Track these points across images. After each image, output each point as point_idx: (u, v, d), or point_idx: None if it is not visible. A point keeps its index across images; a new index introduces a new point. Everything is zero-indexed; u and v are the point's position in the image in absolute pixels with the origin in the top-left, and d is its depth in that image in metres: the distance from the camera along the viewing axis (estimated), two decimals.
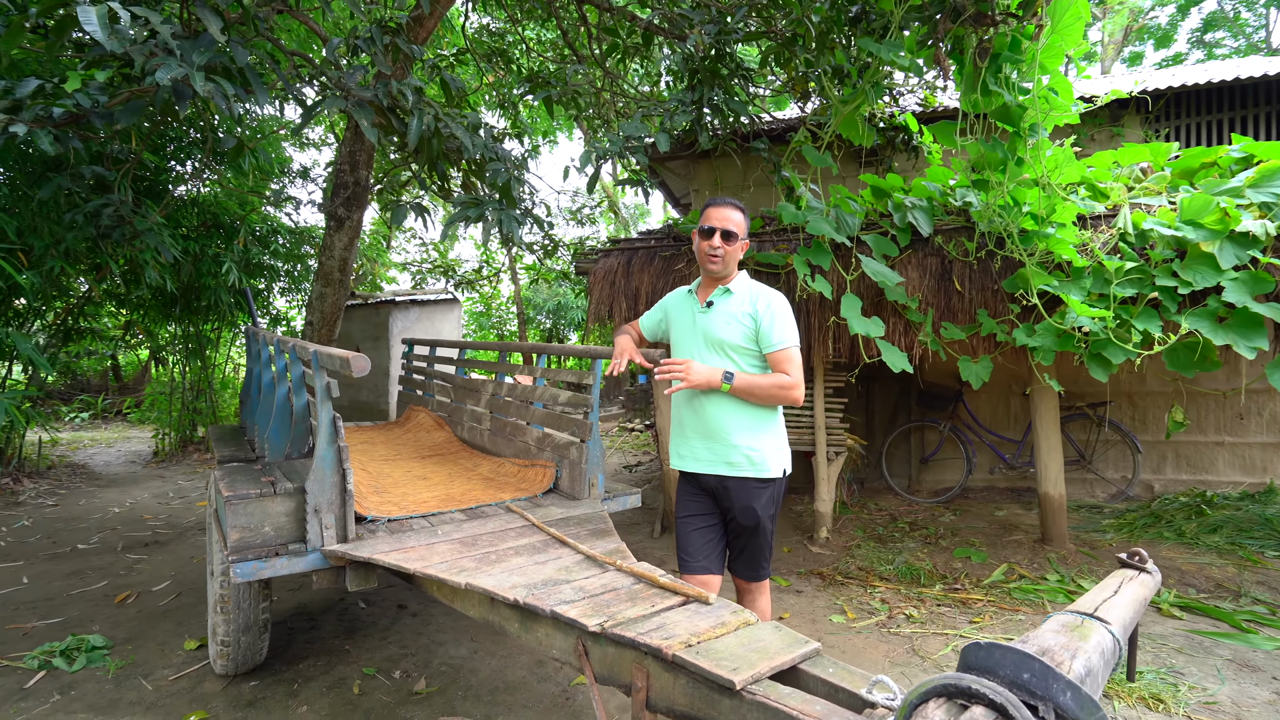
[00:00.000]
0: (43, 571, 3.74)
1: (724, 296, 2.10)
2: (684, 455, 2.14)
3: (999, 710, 0.85)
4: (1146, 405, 5.12)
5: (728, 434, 2.02)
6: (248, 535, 1.99)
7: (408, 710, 2.30)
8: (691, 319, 2.13)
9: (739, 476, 2.03)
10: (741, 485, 2.04)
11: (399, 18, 2.99)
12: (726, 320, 2.06)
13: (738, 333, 2.04)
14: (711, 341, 2.06)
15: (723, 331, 2.05)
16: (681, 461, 2.15)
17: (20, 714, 2.27)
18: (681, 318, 2.18)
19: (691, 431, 2.10)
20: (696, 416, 2.08)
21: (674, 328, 2.21)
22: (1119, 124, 5.29)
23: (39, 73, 3.27)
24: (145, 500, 5.55)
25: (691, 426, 2.10)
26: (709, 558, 2.10)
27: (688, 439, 2.11)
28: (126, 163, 3.62)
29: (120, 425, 10.27)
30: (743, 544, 2.12)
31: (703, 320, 2.10)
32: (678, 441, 2.16)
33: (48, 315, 6.30)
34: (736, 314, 2.06)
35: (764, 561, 2.14)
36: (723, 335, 2.05)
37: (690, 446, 2.11)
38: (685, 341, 2.14)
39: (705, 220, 2.09)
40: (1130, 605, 1.34)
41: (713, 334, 2.06)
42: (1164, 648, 2.81)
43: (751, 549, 2.11)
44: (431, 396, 4.37)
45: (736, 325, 2.04)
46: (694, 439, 2.09)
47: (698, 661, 1.24)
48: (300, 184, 8.58)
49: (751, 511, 2.04)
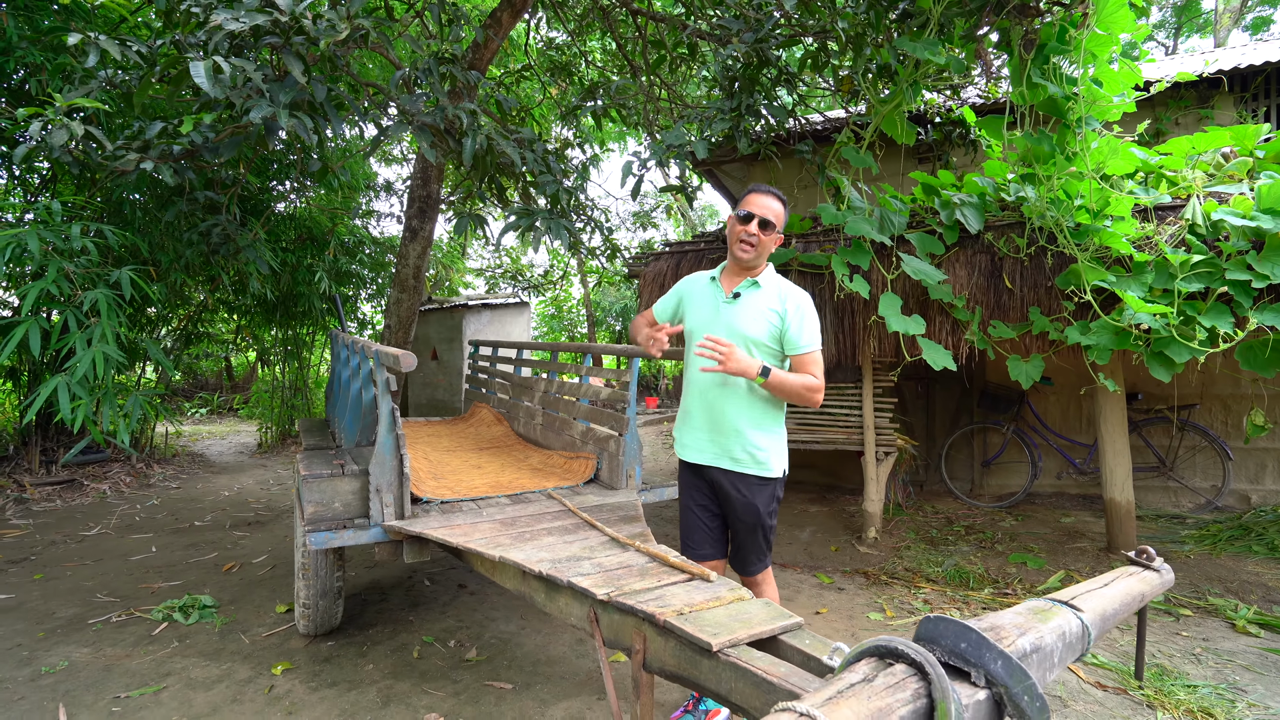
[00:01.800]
0: (167, 543, 4.33)
1: (751, 289, 2.02)
2: (687, 445, 2.13)
3: (917, 667, 0.94)
4: (1242, 409, 4.72)
5: (737, 430, 2.01)
6: (321, 510, 2.30)
7: (458, 674, 2.56)
8: (714, 308, 2.06)
9: (742, 473, 2.03)
10: (744, 482, 2.03)
11: (455, 49, 3.28)
12: (753, 315, 1.99)
13: (763, 329, 1.98)
14: (734, 334, 1.99)
15: (748, 326, 1.98)
16: (685, 451, 2.14)
17: (148, 655, 2.70)
18: (702, 305, 2.10)
19: (700, 422, 2.08)
20: (708, 409, 2.05)
21: (692, 314, 2.13)
22: (1209, 105, 4.90)
23: (162, 115, 3.81)
24: (250, 486, 6.23)
25: (700, 418, 2.08)
26: (713, 544, 2.14)
27: (694, 429, 2.10)
28: (232, 186, 4.14)
29: (232, 420, 11.44)
30: (740, 539, 2.11)
31: (727, 311, 2.02)
32: (683, 430, 2.15)
33: (172, 322, 7.17)
34: (764, 309, 1.99)
35: (763, 555, 2.13)
36: (748, 330, 1.98)
37: (695, 437, 2.10)
38: (704, 330, 2.05)
39: (744, 205, 2.00)
40: (1118, 598, 1.36)
41: (737, 327, 1.99)
42: (1230, 664, 2.65)
43: (749, 544, 2.10)
44: (494, 394, 4.69)
45: (763, 321, 1.98)
46: (700, 431, 2.08)
47: (684, 627, 1.38)
48: (384, 197, 9.27)
49: (752, 508, 2.03)
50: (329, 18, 2.60)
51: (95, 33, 2.62)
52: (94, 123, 3.60)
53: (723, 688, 1.27)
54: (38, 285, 2.65)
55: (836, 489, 5.62)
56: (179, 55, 2.61)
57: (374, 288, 8.83)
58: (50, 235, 2.78)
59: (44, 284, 2.64)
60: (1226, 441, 4.58)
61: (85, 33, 2.63)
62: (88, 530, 4.57)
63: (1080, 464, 4.89)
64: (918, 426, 5.56)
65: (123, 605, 3.22)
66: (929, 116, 4.79)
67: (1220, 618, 3.08)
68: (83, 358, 2.52)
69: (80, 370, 2.50)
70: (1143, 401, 4.74)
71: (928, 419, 5.61)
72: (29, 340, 2.74)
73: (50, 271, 2.66)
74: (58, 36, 3.63)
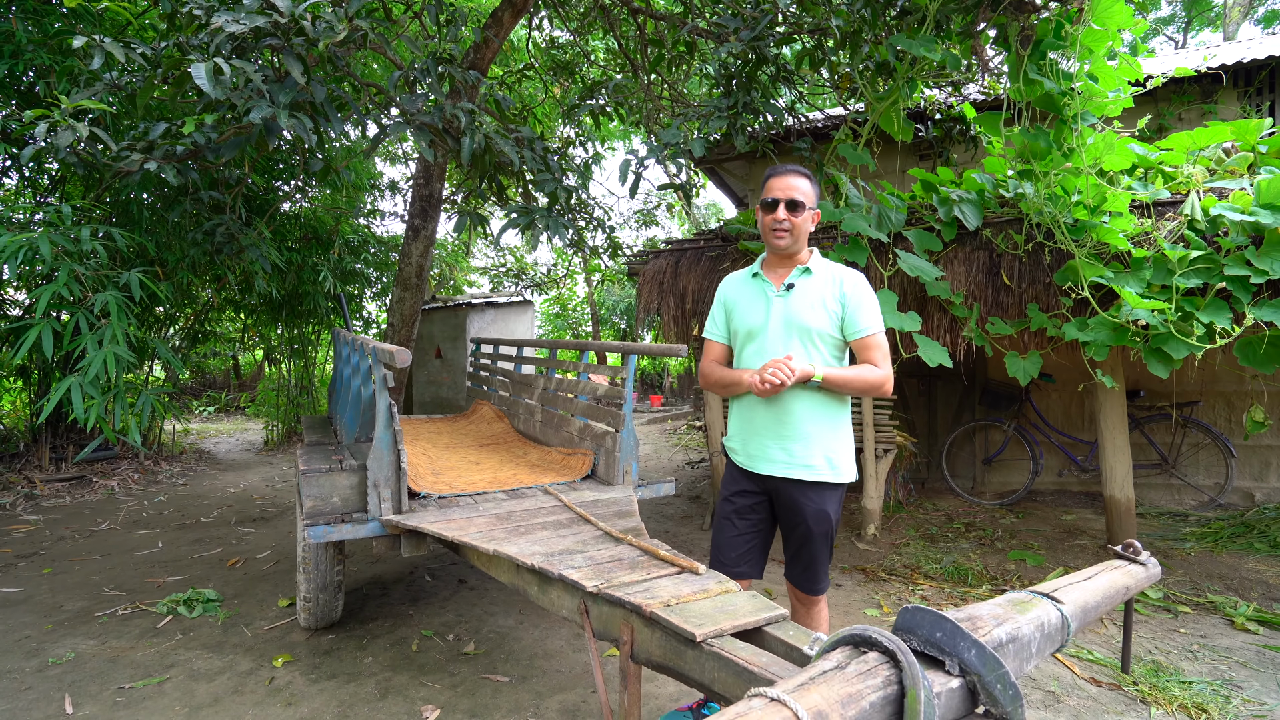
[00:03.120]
0: (174, 538, 4.39)
1: (804, 276, 1.91)
2: (754, 455, 1.95)
3: (889, 655, 0.96)
4: (1245, 406, 4.69)
5: (810, 436, 1.87)
6: (319, 504, 2.34)
7: (455, 667, 2.59)
8: (767, 303, 1.93)
9: (817, 481, 1.88)
10: (818, 490, 1.89)
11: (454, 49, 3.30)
12: (812, 304, 1.87)
13: (825, 318, 1.87)
14: (795, 327, 1.87)
15: (809, 317, 1.86)
16: (752, 462, 1.96)
17: (153, 647, 2.75)
18: (752, 303, 1.96)
19: (765, 430, 1.91)
20: (774, 415, 1.89)
21: (743, 315, 1.98)
22: (1212, 100, 4.87)
23: (166, 117, 3.86)
24: (255, 483, 6.29)
25: (766, 425, 1.91)
26: (750, 563, 1.99)
27: (759, 438, 1.93)
28: (236, 186, 4.19)
29: (239, 418, 11.54)
30: (811, 552, 1.93)
31: (783, 304, 1.90)
32: (746, 440, 1.98)
33: (179, 321, 7.25)
34: (824, 296, 1.88)
35: (827, 570, 1.99)
36: (810, 321, 1.86)
37: (762, 446, 1.92)
38: (761, 328, 1.92)
39: (766, 192, 1.89)
40: (1100, 591, 1.37)
41: (797, 319, 1.87)
42: (1227, 660, 2.65)
43: (819, 557, 1.94)
44: (495, 391, 4.72)
45: (823, 309, 1.87)
46: (768, 439, 1.91)
47: (669, 618, 1.40)
48: (389, 197, 9.33)
49: (825, 516, 1.89)
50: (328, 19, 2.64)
51: (100, 36, 2.66)
52: (101, 125, 3.65)
53: (705, 677, 1.29)
54: (50, 288, 2.70)
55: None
56: (181, 57, 2.65)
57: (379, 286, 8.89)
58: (60, 238, 2.83)
59: (55, 287, 2.69)
60: (1230, 438, 4.56)
61: (90, 35, 2.67)
62: (96, 526, 4.64)
63: (1082, 461, 4.88)
64: (919, 424, 5.56)
65: (128, 599, 3.27)
66: (929, 113, 4.78)
67: (1219, 615, 3.07)
68: (94, 359, 2.58)
69: (92, 371, 2.55)
70: (1145, 398, 4.72)
71: (929, 416, 5.61)
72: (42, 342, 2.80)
73: (61, 274, 2.72)
74: (64, 39, 3.69)
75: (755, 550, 2.01)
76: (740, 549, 1.99)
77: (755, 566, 2.01)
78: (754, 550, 2.00)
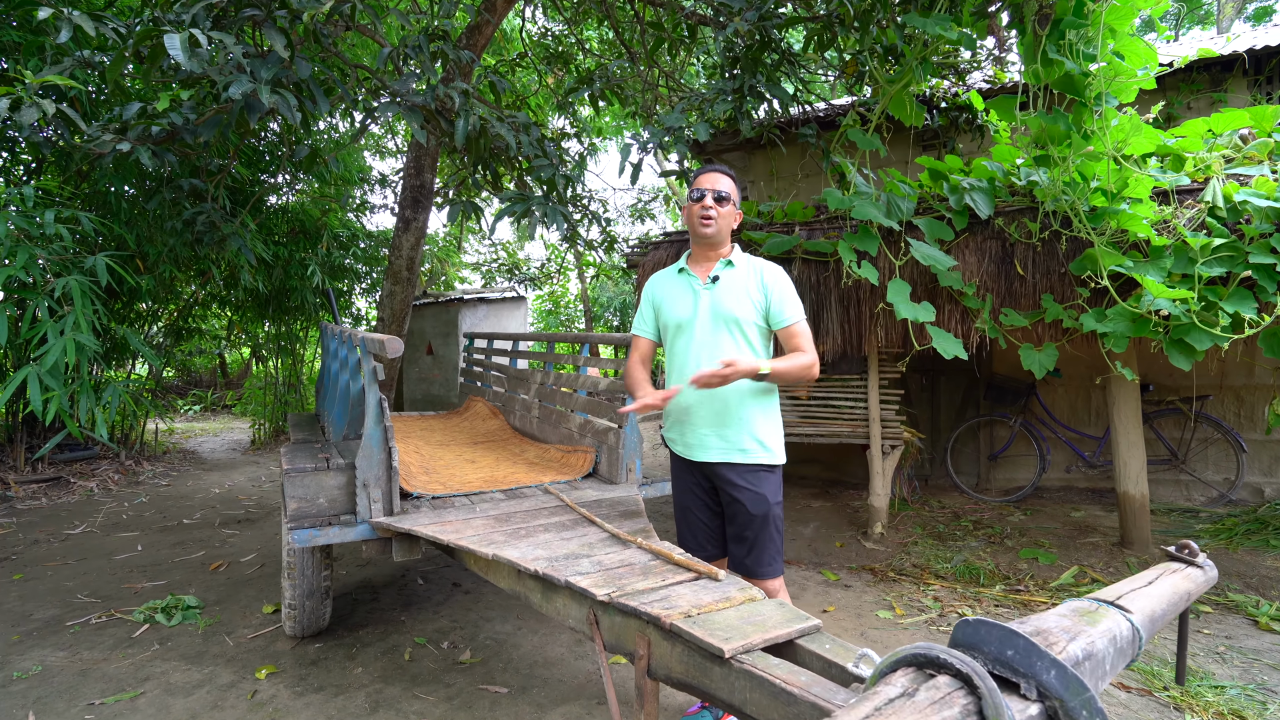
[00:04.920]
0: (154, 541, 4.20)
1: (727, 269, 2.02)
2: (691, 444, 2.05)
3: (964, 680, 0.83)
4: (1255, 400, 4.63)
5: (744, 421, 1.97)
6: (304, 506, 2.18)
7: (451, 677, 2.44)
8: (693, 296, 2.03)
9: (752, 464, 1.98)
10: (754, 472, 1.99)
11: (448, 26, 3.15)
12: (737, 294, 1.98)
13: (749, 307, 1.97)
14: (722, 318, 1.98)
15: (735, 307, 1.97)
16: (689, 451, 2.06)
17: (127, 659, 2.58)
18: (679, 297, 2.07)
19: (701, 420, 2.01)
20: (710, 405, 1.99)
21: (671, 308, 2.07)
22: (1221, 88, 4.79)
23: (141, 98, 3.67)
24: (241, 483, 6.10)
25: (702, 415, 2.01)
26: (716, 543, 2.09)
27: (695, 428, 2.03)
28: (218, 174, 4.00)
29: (225, 417, 11.29)
30: (753, 536, 1.99)
31: (709, 297, 2.00)
32: (682, 430, 2.07)
33: (162, 318, 7.03)
34: (747, 287, 1.99)
35: (776, 554, 2.02)
36: (735, 311, 1.97)
37: (699, 435, 2.03)
38: (689, 320, 2.03)
39: (695, 185, 2.02)
40: (1165, 597, 1.25)
41: (724, 310, 1.98)
42: (1257, 663, 2.55)
43: (763, 540, 1.99)
44: (489, 387, 4.57)
45: (748, 299, 1.98)
46: (704, 428, 2.01)
47: (692, 631, 1.26)
48: (379, 190, 9.12)
49: (763, 499, 1.98)
50: None
51: (69, 9, 2.49)
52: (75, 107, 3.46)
53: (736, 698, 1.16)
54: (3, 271, 2.51)
55: (840, 484, 5.51)
56: (155, 29, 2.48)
57: (368, 282, 8.69)
58: (21, 221, 2.64)
59: (12, 270, 2.50)
60: (1240, 433, 4.48)
61: (58, 8, 2.50)
62: (72, 529, 4.44)
63: (1090, 457, 4.79)
64: (922, 419, 5.46)
65: (103, 606, 3.10)
66: (934, 101, 4.67)
67: (1241, 614, 2.98)
68: (54, 346, 2.39)
69: (50, 359, 2.37)
70: (1154, 393, 4.64)
71: (932, 412, 5.51)
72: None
73: (19, 257, 2.53)
74: (29, 9, 3.49)
75: (718, 530, 2.10)
76: (705, 530, 2.10)
77: (721, 546, 2.11)
78: (716, 530, 2.10)
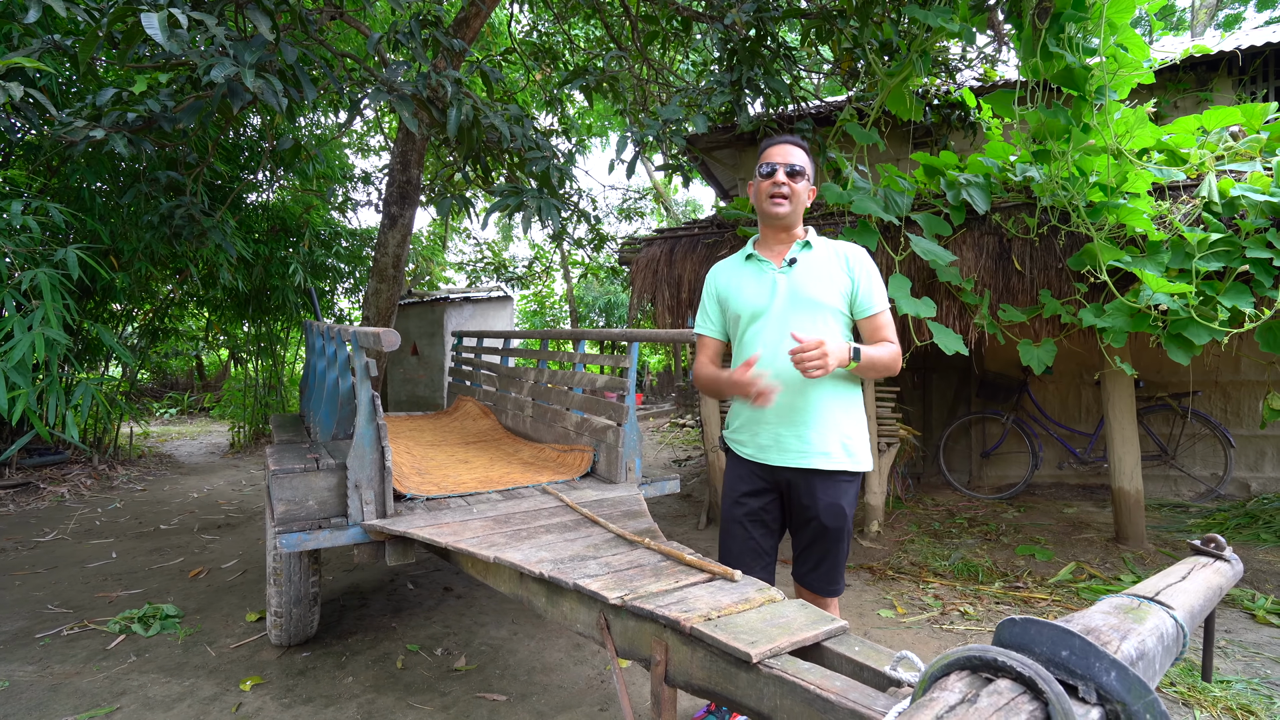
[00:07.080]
0: (129, 548, 4.04)
1: (805, 250, 1.80)
2: (765, 445, 1.80)
3: (1027, 684, 0.77)
4: (1241, 396, 4.68)
5: (828, 420, 1.74)
6: (293, 508, 2.08)
7: (445, 685, 2.35)
8: (770, 281, 1.80)
9: (832, 470, 1.75)
10: (832, 480, 1.76)
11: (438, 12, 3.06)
12: (821, 278, 1.76)
13: (834, 292, 1.75)
14: (803, 303, 1.75)
15: (819, 292, 1.74)
16: (763, 453, 1.80)
17: (101, 671, 2.45)
18: (750, 284, 1.83)
19: (777, 417, 1.76)
20: (787, 400, 1.72)
21: (743, 298, 1.83)
22: (1207, 88, 4.85)
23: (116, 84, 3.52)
24: (221, 487, 5.92)
25: (778, 412, 1.75)
26: (765, 568, 1.83)
27: (769, 426, 1.78)
28: (197, 167, 3.86)
29: (203, 420, 11.01)
30: (823, 550, 1.80)
31: (787, 281, 1.77)
32: (753, 429, 1.82)
33: (138, 318, 6.81)
34: (830, 271, 1.77)
35: (843, 572, 1.84)
36: (820, 296, 1.74)
37: (774, 434, 1.77)
38: (765, 308, 1.79)
39: (765, 159, 1.78)
40: (1200, 593, 1.21)
41: (805, 294, 1.75)
42: (1259, 656, 2.55)
43: (833, 556, 1.80)
44: (479, 386, 4.47)
45: (831, 284, 1.76)
46: (779, 426, 1.77)
47: (715, 634, 1.20)
48: (362, 189, 8.95)
49: (839, 511, 1.76)
50: None
51: None
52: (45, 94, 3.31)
53: (765, 705, 1.09)
54: None
55: None
56: (130, 8, 2.36)
57: (351, 282, 8.51)
58: None
59: None
60: (1228, 429, 4.53)
61: None
62: (42, 536, 4.26)
63: (1081, 453, 4.82)
64: (914, 417, 5.46)
65: (75, 617, 2.95)
66: (927, 99, 4.67)
67: (1238, 608, 2.99)
68: (20, 341, 2.26)
69: (16, 355, 2.23)
70: (1144, 389, 4.68)
71: (925, 409, 5.51)
72: None
73: None
74: None
75: (769, 553, 1.87)
76: (751, 552, 1.84)
77: (769, 572, 1.85)
78: (767, 553, 1.86)
